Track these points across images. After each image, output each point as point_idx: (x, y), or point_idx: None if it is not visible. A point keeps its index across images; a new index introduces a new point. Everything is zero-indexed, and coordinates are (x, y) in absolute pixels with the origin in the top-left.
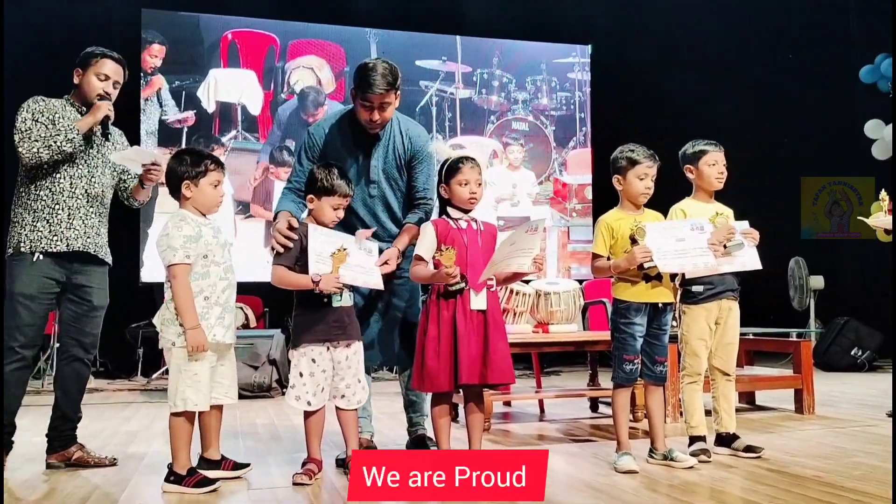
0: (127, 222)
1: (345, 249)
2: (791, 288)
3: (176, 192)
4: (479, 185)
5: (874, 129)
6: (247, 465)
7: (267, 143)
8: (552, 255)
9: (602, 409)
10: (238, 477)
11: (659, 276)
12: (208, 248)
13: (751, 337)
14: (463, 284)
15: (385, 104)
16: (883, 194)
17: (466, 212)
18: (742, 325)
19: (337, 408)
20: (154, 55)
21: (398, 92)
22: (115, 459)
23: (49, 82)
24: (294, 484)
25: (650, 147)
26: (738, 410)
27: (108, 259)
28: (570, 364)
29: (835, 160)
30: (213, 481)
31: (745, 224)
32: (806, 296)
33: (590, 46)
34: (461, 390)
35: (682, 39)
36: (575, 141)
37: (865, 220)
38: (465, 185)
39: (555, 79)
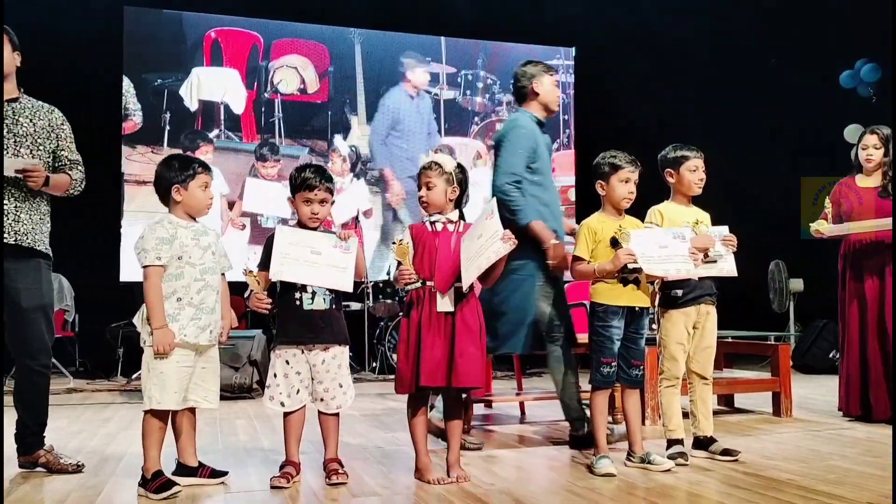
0: (106, 222)
1: (253, 273)
2: (770, 291)
3: (165, 198)
4: (430, 187)
5: (853, 133)
6: (225, 473)
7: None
8: None
9: None
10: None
11: (637, 281)
12: (183, 250)
13: (729, 340)
14: (418, 284)
15: None
16: (827, 202)
17: (439, 212)
18: (722, 327)
19: (318, 411)
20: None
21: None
22: (80, 465)
23: (29, 81)
24: (272, 487)
25: (634, 150)
26: (716, 413)
27: (39, 247)
28: None
29: (835, 160)
30: (173, 485)
31: (724, 229)
32: (785, 298)
33: (573, 49)
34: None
35: (666, 42)
36: (558, 143)
37: (811, 224)
38: (419, 189)
39: None
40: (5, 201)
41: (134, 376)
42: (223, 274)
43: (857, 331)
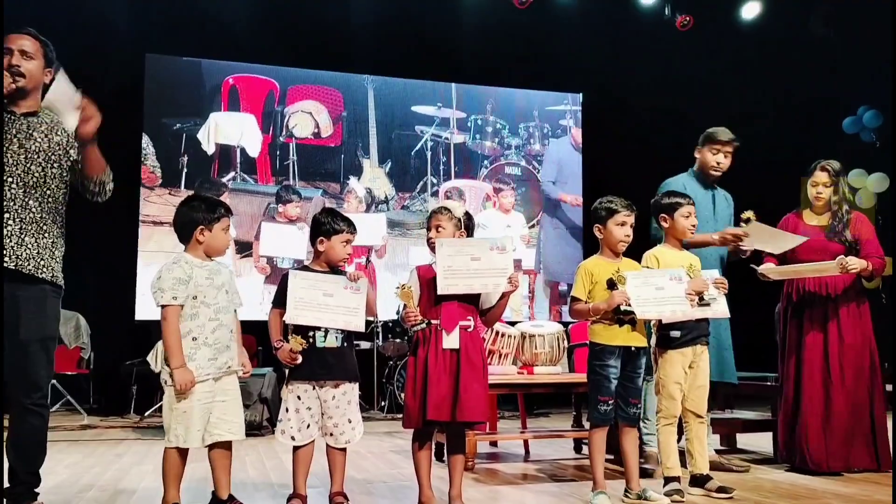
0: (122, 261)
1: (300, 338)
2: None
3: (187, 237)
4: (440, 230)
5: (857, 178)
6: None
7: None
8: (540, 298)
9: (585, 450)
10: None
11: (633, 322)
12: (198, 290)
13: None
14: (423, 325)
15: None
16: (749, 214)
17: None
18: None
19: (327, 445)
20: None
21: None
22: None
23: None
24: None
25: (639, 192)
26: (717, 453)
27: (43, 274)
28: (560, 406)
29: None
30: None
31: (715, 273)
32: None
33: (581, 95)
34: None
35: (670, 88)
36: None
37: (756, 268)
38: (429, 231)
39: (547, 125)
40: (10, 223)
41: (147, 413)
42: (235, 311)
43: (794, 381)
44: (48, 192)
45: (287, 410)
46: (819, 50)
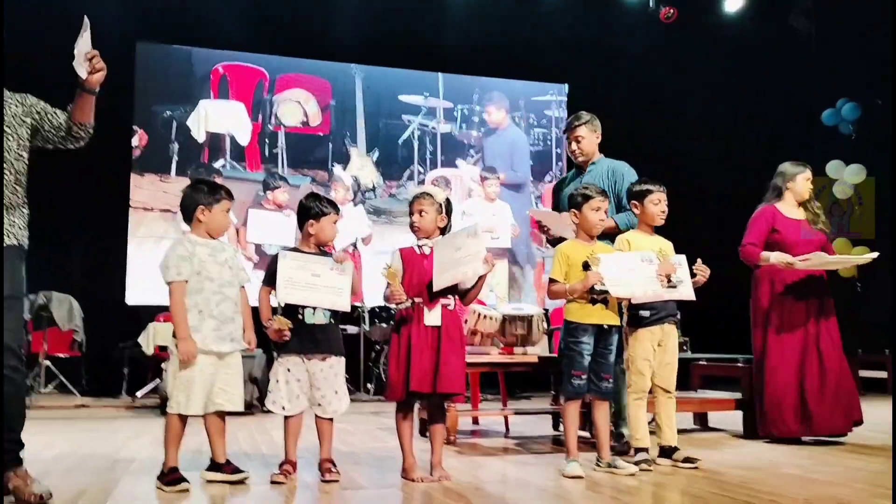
0: (113, 247)
1: (284, 319)
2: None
3: (190, 218)
4: (423, 214)
5: (835, 169)
6: (243, 471)
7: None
8: (528, 283)
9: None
10: (237, 482)
11: (605, 301)
12: (202, 266)
13: (703, 363)
14: (408, 304)
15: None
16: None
17: (427, 237)
18: (702, 350)
19: (315, 416)
20: None
21: None
22: (48, 495)
23: None
24: (272, 482)
25: None
26: (690, 431)
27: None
28: (542, 390)
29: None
30: (183, 481)
31: (682, 258)
32: None
33: (566, 85)
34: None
35: (656, 79)
36: (551, 175)
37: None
38: (411, 216)
39: (532, 115)
40: None
41: (139, 394)
42: (243, 287)
43: (799, 356)
44: (5, 164)
45: (277, 382)
46: (802, 44)
